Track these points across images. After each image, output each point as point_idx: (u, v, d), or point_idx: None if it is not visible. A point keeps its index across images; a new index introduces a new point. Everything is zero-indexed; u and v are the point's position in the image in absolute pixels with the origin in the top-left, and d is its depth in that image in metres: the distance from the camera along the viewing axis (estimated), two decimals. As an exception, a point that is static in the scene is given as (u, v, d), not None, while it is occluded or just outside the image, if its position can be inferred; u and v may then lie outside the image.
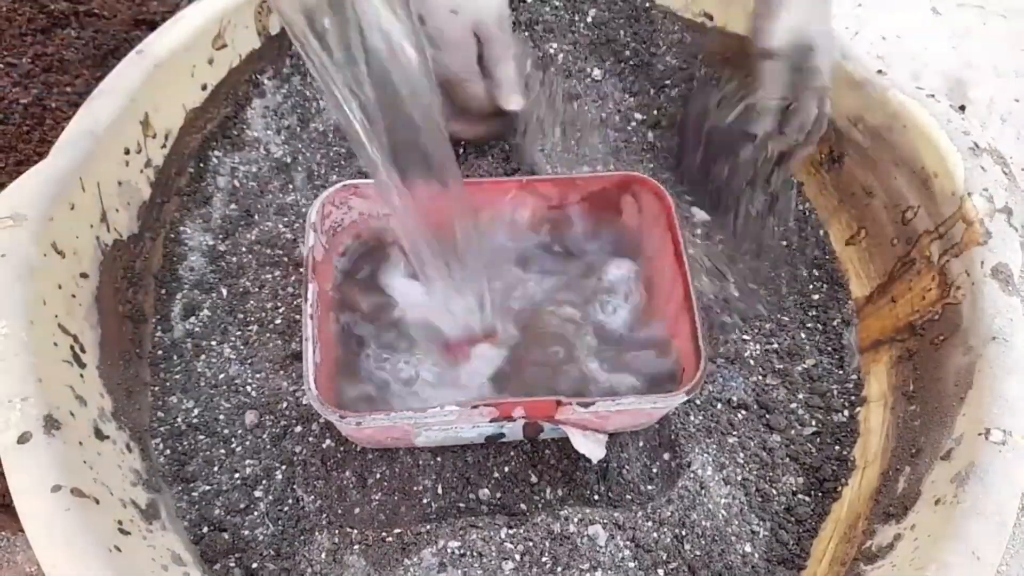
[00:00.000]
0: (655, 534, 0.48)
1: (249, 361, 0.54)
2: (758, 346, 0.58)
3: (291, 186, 0.63)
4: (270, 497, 0.49)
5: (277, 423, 0.51)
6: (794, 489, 0.52)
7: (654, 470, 0.52)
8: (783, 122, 0.59)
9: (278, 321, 0.55)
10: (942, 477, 0.44)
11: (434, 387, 0.51)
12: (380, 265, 0.56)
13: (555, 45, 0.70)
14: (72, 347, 0.45)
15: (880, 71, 0.60)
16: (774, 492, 0.52)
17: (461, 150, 0.64)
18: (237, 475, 0.49)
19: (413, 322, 0.52)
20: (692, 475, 0.50)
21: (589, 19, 0.72)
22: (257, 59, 0.65)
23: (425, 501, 0.50)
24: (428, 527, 0.47)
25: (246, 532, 0.48)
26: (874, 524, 0.47)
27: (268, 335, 0.55)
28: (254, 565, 0.46)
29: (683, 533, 0.48)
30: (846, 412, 0.56)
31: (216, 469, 0.50)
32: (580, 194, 0.56)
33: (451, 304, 0.50)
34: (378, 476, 0.50)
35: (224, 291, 0.57)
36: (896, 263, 0.58)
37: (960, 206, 0.52)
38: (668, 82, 0.70)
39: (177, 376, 0.53)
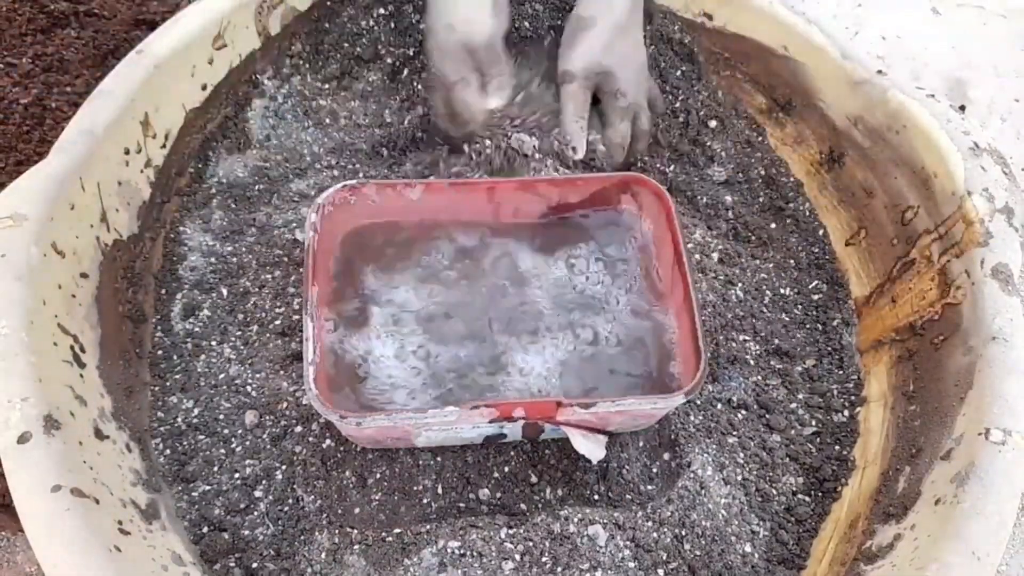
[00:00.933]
0: (655, 534, 0.48)
1: (249, 361, 0.54)
2: (758, 346, 0.58)
3: (291, 186, 0.63)
4: (270, 497, 0.49)
5: (277, 423, 0.51)
6: (794, 489, 0.52)
7: (654, 470, 0.52)
8: (603, 139, 0.62)
9: (278, 321, 0.55)
10: (942, 477, 0.44)
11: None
12: (379, 264, 0.55)
13: None
14: (72, 347, 0.45)
15: (880, 71, 0.60)
16: (774, 492, 0.52)
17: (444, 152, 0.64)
18: (237, 475, 0.49)
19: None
20: (692, 475, 0.50)
21: None
22: (257, 59, 0.65)
23: (425, 501, 0.50)
24: (428, 527, 0.47)
25: (246, 532, 0.48)
26: (874, 524, 0.47)
27: (268, 335, 0.55)
28: (254, 565, 0.46)
29: (683, 533, 0.48)
30: (846, 412, 0.56)
31: (216, 469, 0.50)
32: (580, 194, 0.56)
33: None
34: (378, 476, 0.50)
35: (224, 291, 0.57)
36: (896, 263, 0.58)
37: (960, 206, 0.52)
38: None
39: (177, 376, 0.53)
